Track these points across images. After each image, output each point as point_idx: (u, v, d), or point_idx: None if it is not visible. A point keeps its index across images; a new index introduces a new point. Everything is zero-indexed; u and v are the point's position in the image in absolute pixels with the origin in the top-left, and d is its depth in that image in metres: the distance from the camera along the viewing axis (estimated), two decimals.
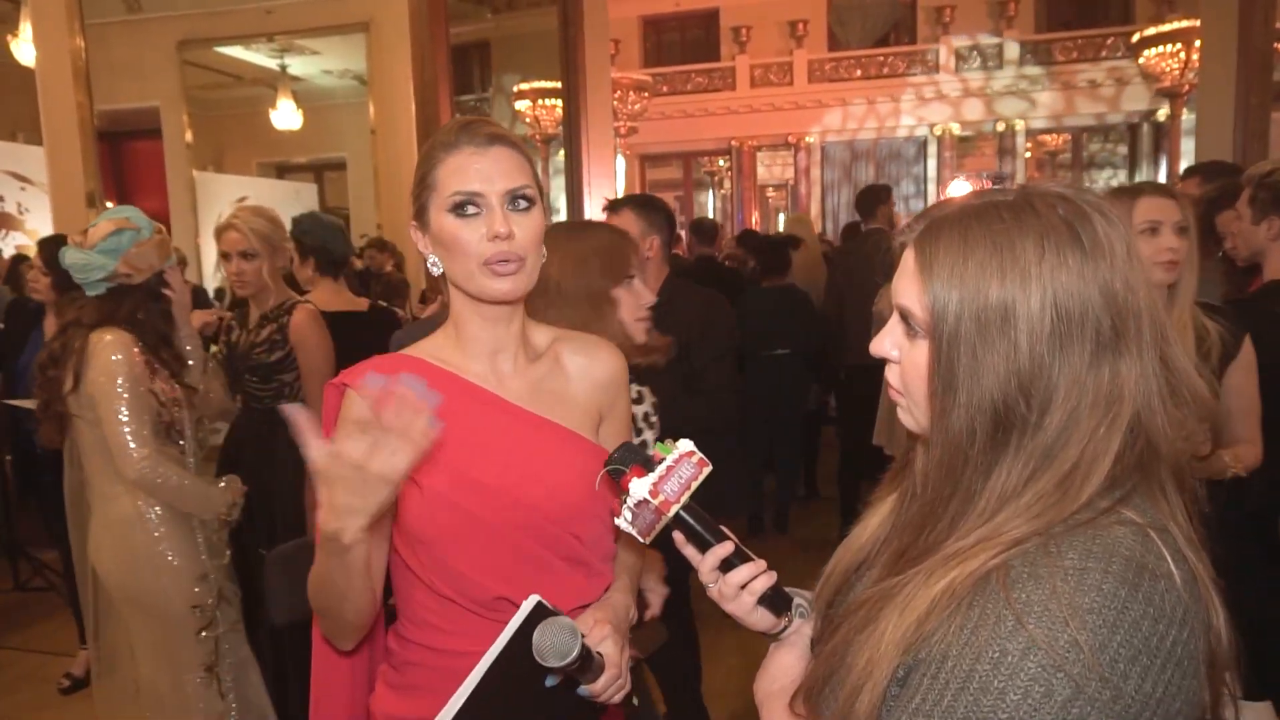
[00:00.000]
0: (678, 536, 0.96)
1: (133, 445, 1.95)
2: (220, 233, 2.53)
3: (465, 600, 1.14)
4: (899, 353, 0.78)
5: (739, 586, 0.93)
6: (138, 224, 2.04)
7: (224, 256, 2.53)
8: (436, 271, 1.16)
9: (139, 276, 2.04)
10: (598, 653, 1.05)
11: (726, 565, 0.94)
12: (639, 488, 0.92)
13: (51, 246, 3.18)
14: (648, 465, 0.95)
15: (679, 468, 0.94)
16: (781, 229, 8.31)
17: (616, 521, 0.95)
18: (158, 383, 2.06)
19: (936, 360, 0.71)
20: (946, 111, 15.03)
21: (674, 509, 0.93)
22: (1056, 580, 0.64)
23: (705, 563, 0.94)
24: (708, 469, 0.95)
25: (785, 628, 0.96)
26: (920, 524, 0.76)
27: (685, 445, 0.96)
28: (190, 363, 2.26)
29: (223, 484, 2.17)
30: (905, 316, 0.76)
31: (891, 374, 0.80)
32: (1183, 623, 0.63)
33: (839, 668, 0.75)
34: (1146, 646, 0.62)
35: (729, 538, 0.95)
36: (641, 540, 0.95)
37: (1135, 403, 0.69)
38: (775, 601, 0.95)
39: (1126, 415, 0.68)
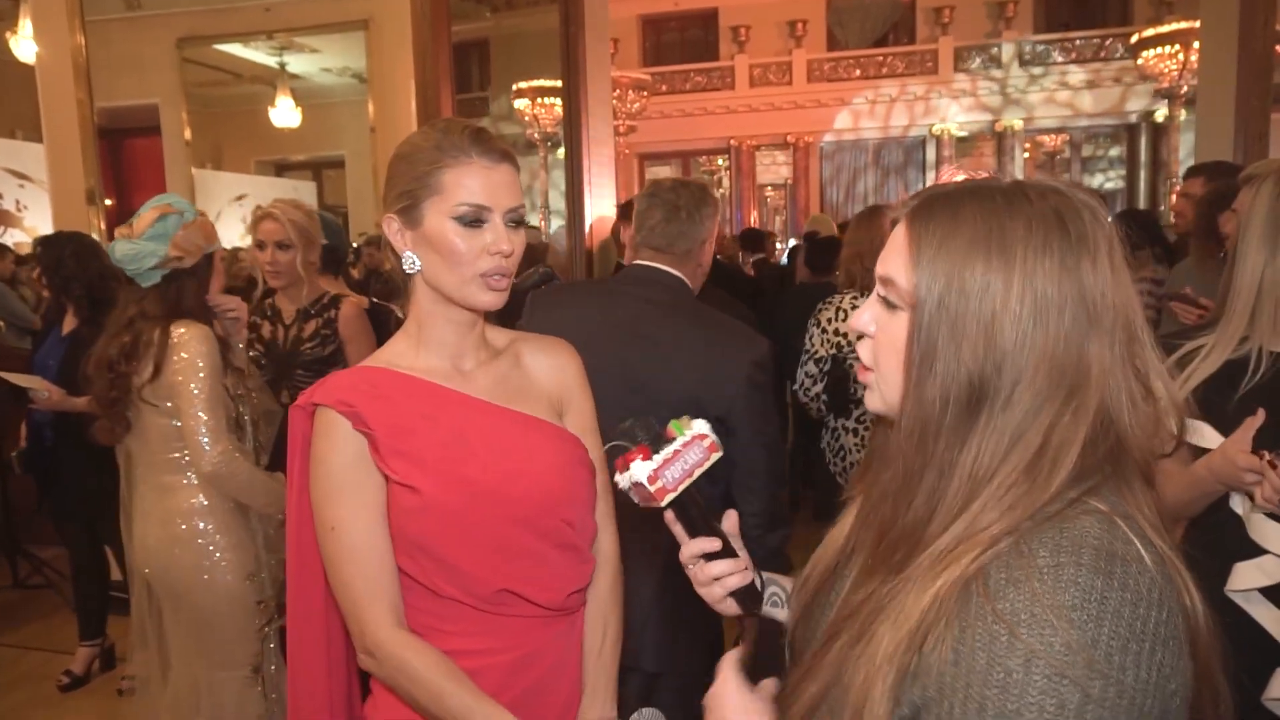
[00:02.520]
0: (668, 515, 0.95)
1: (208, 439, 1.94)
2: (257, 222, 2.50)
3: (470, 598, 1.15)
4: (876, 327, 0.79)
5: (714, 578, 0.94)
6: (180, 208, 2.03)
7: (259, 245, 2.50)
8: (413, 270, 1.15)
9: (190, 259, 2.03)
10: None
11: (709, 555, 0.94)
12: (640, 470, 0.90)
13: (44, 241, 3.18)
14: (656, 443, 0.92)
15: (687, 451, 0.92)
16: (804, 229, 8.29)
17: (615, 479, 0.93)
18: (228, 376, 2.05)
19: (917, 330, 0.73)
20: (945, 112, 15.06)
21: (668, 498, 0.91)
22: (1034, 582, 0.65)
23: (689, 548, 0.94)
24: (717, 454, 0.93)
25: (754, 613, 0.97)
26: (896, 499, 0.75)
27: (700, 427, 0.93)
28: (239, 346, 2.24)
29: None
30: (887, 288, 0.78)
31: (863, 349, 0.82)
32: (1160, 603, 0.64)
33: (835, 684, 0.75)
34: (1133, 632, 0.62)
35: (717, 532, 0.94)
36: (638, 504, 0.94)
37: (1102, 393, 0.70)
38: (746, 599, 0.95)
39: (1093, 404, 0.70)
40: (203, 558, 2.03)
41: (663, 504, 0.91)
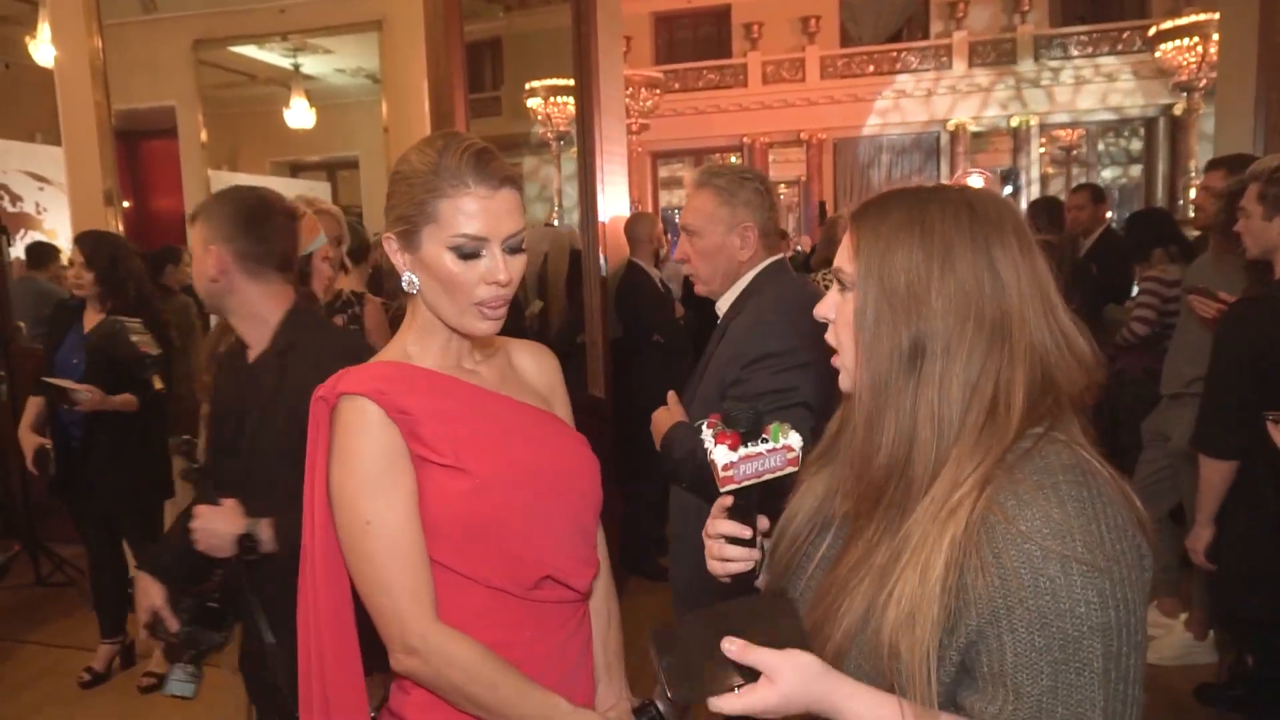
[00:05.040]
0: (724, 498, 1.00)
1: None
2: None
3: (515, 586, 1.15)
4: (835, 313, 0.93)
5: (725, 559, 1.01)
6: None
7: None
8: (412, 290, 1.15)
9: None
10: None
11: (732, 539, 1.01)
12: (720, 456, 0.96)
13: (92, 241, 3.18)
14: (752, 436, 0.96)
15: (770, 456, 0.96)
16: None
17: (704, 431, 0.99)
18: None
19: (862, 303, 0.87)
20: (960, 107, 14.95)
21: (727, 488, 0.97)
22: (1040, 502, 0.78)
23: (720, 525, 1.01)
24: (793, 469, 0.97)
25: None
26: (864, 445, 0.87)
27: (793, 440, 0.97)
28: None
29: None
30: (839, 276, 0.92)
31: (830, 334, 0.95)
32: (1123, 502, 0.80)
33: (863, 628, 0.84)
34: (1118, 524, 0.78)
35: (753, 525, 1.00)
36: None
37: (1028, 338, 0.84)
38: (740, 578, 1.02)
39: (1022, 347, 0.83)
40: None
41: (721, 491, 0.97)
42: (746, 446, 0.95)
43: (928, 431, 0.83)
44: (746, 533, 0.99)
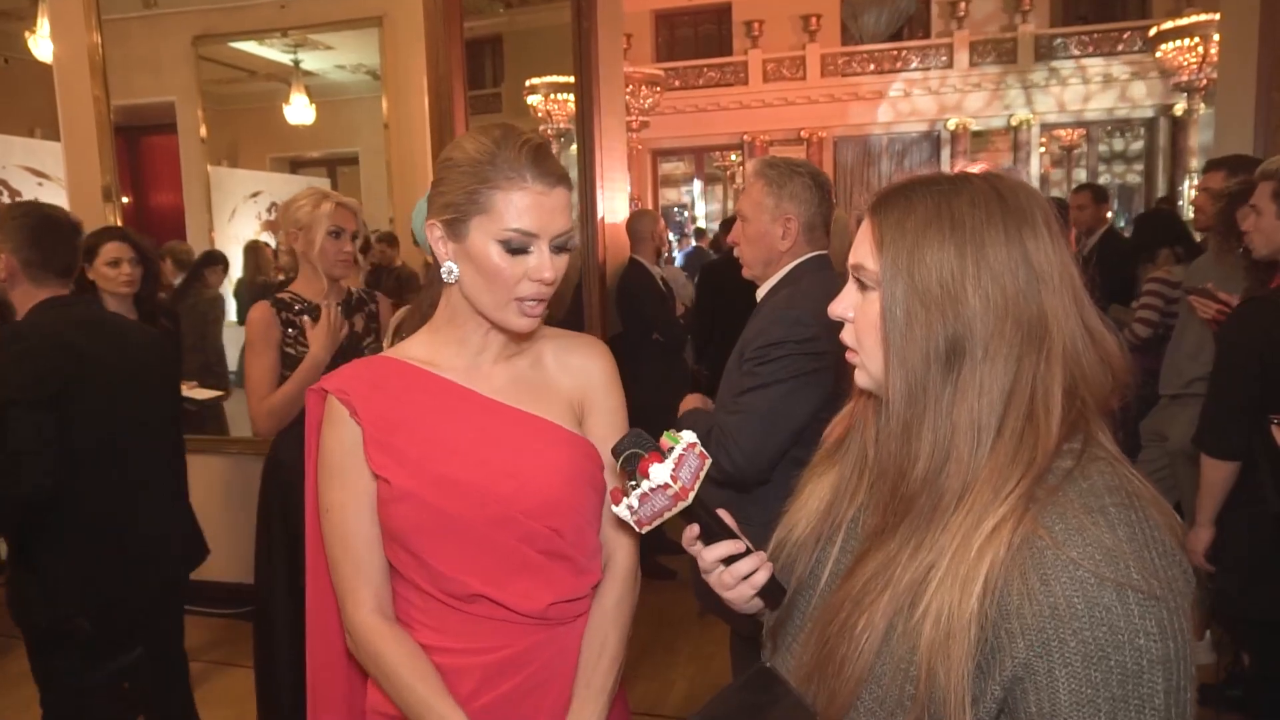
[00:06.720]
0: (688, 532, 0.94)
1: None
2: (335, 209, 2.36)
3: (444, 595, 1.14)
4: (854, 312, 0.86)
5: (742, 577, 0.93)
6: None
7: (334, 234, 2.34)
8: (450, 280, 1.14)
9: None
10: None
11: (730, 558, 0.93)
12: (659, 473, 0.90)
13: (136, 239, 3.09)
14: (658, 452, 0.92)
15: (688, 459, 0.92)
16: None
17: (615, 509, 0.93)
18: None
19: (890, 304, 0.80)
20: (960, 106, 14.93)
21: (691, 495, 0.91)
22: (1089, 527, 0.72)
23: (710, 553, 0.93)
24: (709, 462, 0.94)
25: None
26: (899, 455, 0.81)
27: (689, 436, 0.93)
28: None
29: None
30: (859, 274, 0.85)
31: (847, 334, 0.88)
32: (1166, 526, 0.74)
33: (886, 649, 0.78)
34: (1167, 550, 0.72)
35: (733, 533, 0.94)
36: (637, 529, 0.93)
37: (1064, 339, 0.77)
38: (772, 592, 0.94)
39: (1059, 350, 0.77)
40: None
41: (687, 502, 0.91)
42: (666, 459, 0.91)
43: (967, 441, 0.77)
44: (739, 545, 0.93)
